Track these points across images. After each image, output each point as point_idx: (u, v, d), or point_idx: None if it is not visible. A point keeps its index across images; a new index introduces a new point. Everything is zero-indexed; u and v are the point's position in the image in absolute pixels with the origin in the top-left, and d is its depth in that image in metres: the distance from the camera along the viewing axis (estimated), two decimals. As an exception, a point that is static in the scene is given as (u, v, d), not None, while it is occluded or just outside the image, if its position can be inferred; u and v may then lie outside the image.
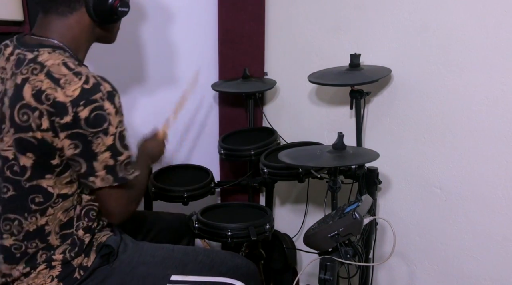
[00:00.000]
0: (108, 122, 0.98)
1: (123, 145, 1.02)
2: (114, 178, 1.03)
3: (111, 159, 1.01)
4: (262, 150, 1.68)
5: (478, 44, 1.22)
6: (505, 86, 1.18)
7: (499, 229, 1.25)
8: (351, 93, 1.45)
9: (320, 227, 1.13)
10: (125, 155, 1.03)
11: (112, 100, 0.99)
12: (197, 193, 1.63)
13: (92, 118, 0.96)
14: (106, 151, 1.00)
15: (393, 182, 1.53)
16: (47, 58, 0.99)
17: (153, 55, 1.88)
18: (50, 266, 1.07)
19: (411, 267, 1.52)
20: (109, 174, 1.02)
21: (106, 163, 1.00)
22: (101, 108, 0.97)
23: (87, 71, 1.00)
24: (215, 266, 1.20)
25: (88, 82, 0.97)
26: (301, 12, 1.80)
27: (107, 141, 0.99)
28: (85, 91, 0.96)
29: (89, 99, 0.96)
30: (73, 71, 0.98)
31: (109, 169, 1.01)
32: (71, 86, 0.96)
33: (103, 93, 0.97)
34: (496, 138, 1.22)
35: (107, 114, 0.97)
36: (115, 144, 1.00)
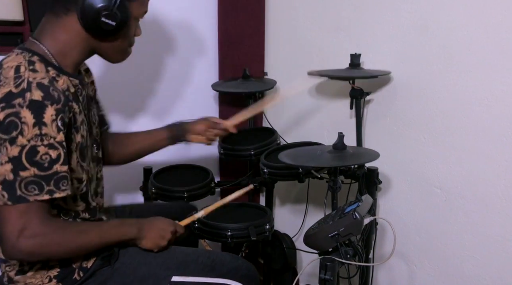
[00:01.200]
0: (18, 130, 0.89)
1: (32, 161, 0.91)
2: (10, 195, 0.90)
3: (11, 173, 0.90)
4: (262, 150, 1.68)
5: (478, 44, 1.22)
6: (505, 86, 1.18)
7: (499, 229, 1.25)
8: (351, 93, 1.45)
9: (320, 227, 1.13)
10: (29, 172, 0.91)
11: (36, 110, 0.90)
12: (197, 193, 1.63)
13: (5, 123, 0.89)
14: (7, 163, 0.90)
15: (393, 182, 1.53)
16: (8, 60, 0.98)
17: (153, 55, 1.88)
18: (48, 265, 1.06)
19: (411, 267, 1.52)
20: (5, 190, 0.90)
21: (4, 177, 0.90)
22: (16, 114, 0.89)
23: (33, 77, 0.94)
24: (215, 267, 1.20)
25: (19, 87, 0.91)
26: (301, 12, 1.80)
27: (11, 152, 0.90)
28: (9, 94, 0.91)
29: (9, 103, 0.90)
30: (18, 74, 0.94)
31: (6, 185, 0.90)
32: (4, 88, 0.92)
33: (24, 100, 0.90)
34: (496, 138, 1.21)
35: (21, 122, 0.89)
36: (20, 157, 0.90)
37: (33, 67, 0.97)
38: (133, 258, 1.16)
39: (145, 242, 1.15)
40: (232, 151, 1.74)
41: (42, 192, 0.93)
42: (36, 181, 0.92)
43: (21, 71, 0.95)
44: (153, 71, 1.90)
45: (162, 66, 1.92)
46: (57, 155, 0.94)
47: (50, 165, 0.93)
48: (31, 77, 0.94)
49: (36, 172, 0.92)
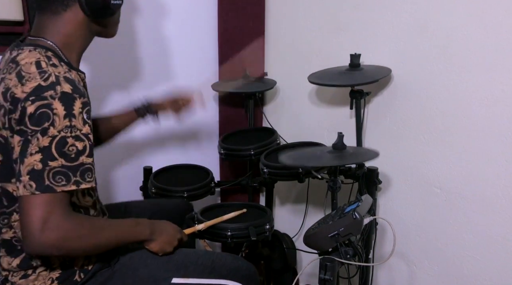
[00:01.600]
0: (50, 122, 0.90)
1: (61, 152, 0.91)
2: (38, 185, 0.90)
3: (40, 162, 0.90)
4: (262, 150, 1.68)
5: (478, 44, 1.22)
6: (505, 86, 1.18)
7: (499, 229, 1.25)
8: (351, 93, 1.45)
9: (320, 227, 1.13)
10: (58, 163, 0.91)
11: (67, 102, 0.92)
12: (197, 193, 1.63)
13: (36, 115, 0.90)
14: (38, 153, 0.90)
15: (393, 182, 1.53)
16: (23, 57, 0.98)
17: (153, 55, 1.88)
18: (50, 267, 1.06)
19: (411, 267, 1.52)
20: (32, 180, 0.90)
21: (33, 166, 0.90)
22: (48, 106, 0.91)
23: (57, 71, 0.96)
24: (215, 268, 1.20)
25: (47, 80, 0.93)
26: (301, 12, 1.80)
27: (42, 142, 0.90)
28: (39, 87, 0.92)
29: (39, 95, 0.91)
30: (41, 69, 0.95)
31: (34, 174, 0.90)
32: (31, 83, 0.93)
33: (56, 92, 0.92)
34: (496, 138, 1.21)
35: (52, 114, 0.91)
36: (50, 148, 0.90)
37: (53, 62, 0.98)
38: (133, 259, 1.16)
39: (153, 245, 1.15)
40: (232, 151, 1.74)
41: (69, 183, 0.93)
42: (63, 171, 0.92)
43: (43, 67, 0.96)
44: (153, 71, 1.90)
45: (162, 66, 1.92)
46: (83, 146, 0.95)
47: (77, 156, 0.94)
48: (56, 71, 0.96)
49: (64, 163, 0.92)
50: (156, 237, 1.15)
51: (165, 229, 1.18)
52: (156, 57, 1.89)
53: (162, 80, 1.93)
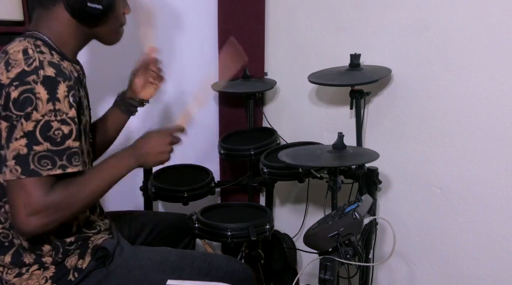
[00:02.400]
0: (33, 106, 0.91)
1: (45, 136, 0.92)
2: (23, 169, 0.90)
3: (25, 147, 0.91)
4: (262, 150, 1.68)
5: (478, 44, 1.22)
6: (505, 86, 1.18)
7: (499, 229, 1.25)
8: (351, 93, 1.45)
9: (320, 227, 1.13)
10: (43, 147, 0.92)
11: (50, 86, 0.92)
12: (197, 193, 1.63)
13: (19, 100, 0.91)
14: (22, 138, 0.91)
15: (393, 182, 1.53)
16: (13, 46, 0.99)
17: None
18: (43, 267, 1.06)
19: (411, 267, 1.52)
20: (18, 164, 0.91)
21: (18, 151, 0.91)
22: (31, 90, 0.91)
23: (42, 57, 0.95)
24: (211, 271, 1.19)
25: (31, 65, 0.93)
26: (301, 12, 1.80)
27: (26, 127, 0.91)
28: (23, 72, 0.92)
29: (23, 80, 0.91)
30: (27, 56, 0.95)
31: (19, 159, 0.91)
32: (15, 69, 0.93)
33: (38, 76, 0.92)
34: (496, 138, 1.21)
35: (35, 98, 0.91)
36: (34, 132, 0.91)
37: (40, 49, 0.99)
38: (128, 260, 1.15)
39: (147, 165, 1.14)
40: (232, 151, 1.74)
41: (55, 167, 0.93)
42: (49, 156, 0.93)
43: (30, 53, 0.96)
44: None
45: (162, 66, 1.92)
46: (69, 130, 0.95)
47: (63, 140, 0.94)
48: (41, 57, 0.96)
49: (49, 147, 0.92)
50: (144, 159, 1.11)
51: (148, 146, 1.12)
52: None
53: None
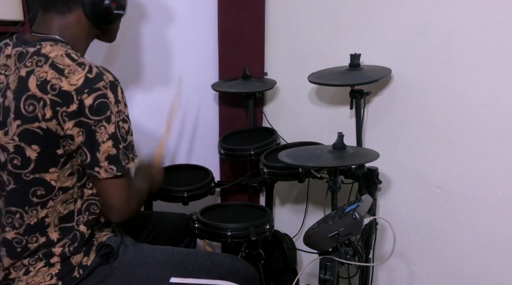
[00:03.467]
0: (110, 110, 0.99)
1: (122, 135, 1.03)
2: (117, 167, 1.02)
3: (113, 148, 1.01)
4: (262, 150, 1.68)
5: (478, 44, 1.22)
6: (505, 86, 1.18)
7: (499, 229, 1.25)
8: (351, 93, 1.45)
9: (320, 227, 1.13)
10: (123, 144, 1.03)
11: (114, 89, 1.00)
12: (197, 193, 1.63)
13: (95, 106, 0.98)
14: (109, 140, 1.00)
15: (393, 182, 1.53)
16: (50, 50, 1.01)
17: (153, 55, 1.88)
18: (49, 263, 1.06)
19: (411, 267, 1.52)
20: (112, 164, 1.01)
21: (109, 152, 1.00)
22: (104, 96, 0.98)
23: (90, 62, 1.02)
24: (214, 269, 1.20)
25: (92, 72, 0.99)
26: (301, 12, 1.80)
27: (110, 129, 1.00)
28: (89, 79, 0.98)
29: (92, 87, 0.97)
30: (76, 61, 1.00)
31: (111, 159, 1.01)
32: (75, 75, 0.98)
33: (105, 82, 0.99)
34: (496, 138, 1.21)
35: (109, 103, 0.99)
36: (116, 133, 1.01)
37: (77, 54, 1.04)
38: (132, 258, 1.16)
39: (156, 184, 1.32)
40: (232, 151, 1.74)
41: (131, 161, 1.06)
42: (125, 152, 1.04)
43: (76, 58, 1.01)
44: (153, 71, 1.90)
45: (162, 66, 1.92)
46: (128, 127, 1.05)
47: (127, 136, 1.05)
48: (89, 62, 1.02)
49: (124, 145, 1.03)
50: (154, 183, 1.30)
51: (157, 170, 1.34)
52: (155, 57, 1.89)
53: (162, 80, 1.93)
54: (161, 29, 1.87)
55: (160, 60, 1.91)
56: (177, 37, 1.92)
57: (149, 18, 1.83)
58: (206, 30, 1.98)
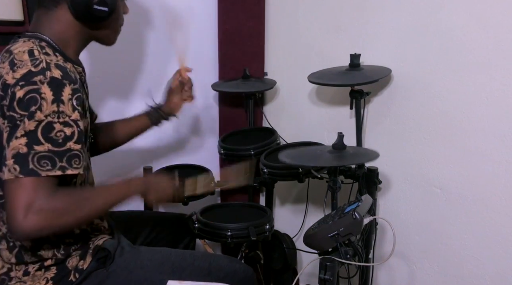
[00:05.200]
0: (37, 106, 0.91)
1: (47, 137, 0.92)
2: (22, 168, 0.89)
3: (25, 146, 0.90)
4: (262, 150, 1.68)
5: (478, 44, 1.22)
6: (505, 86, 1.18)
7: (499, 229, 1.25)
8: (351, 93, 1.45)
9: (320, 227, 1.13)
10: (44, 147, 0.91)
11: (56, 87, 0.93)
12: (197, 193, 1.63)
13: (24, 100, 0.91)
14: (23, 136, 0.90)
15: (393, 182, 1.53)
16: (17, 46, 1.00)
17: (153, 55, 1.88)
18: (44, 266, 1.06)
19: (411, 267, 1.51)
20: (17, 163, 0.90)
21: (18, 150, 0.90)
22: (37, 90, 0.91)
23: (49, 59, 0.96)
24: (212, 271, 1.19)
25: (38, 66, 0.93)
26: (301, 12, 1.80)
27: (28, 126, 0.90)
28: (29, 73, 0.92)
29: (29, 80, 0.92)
30: (33, 57, 0.96)
31: (18, 158, 0.90)
32: (22, 69, 0.93)
33: (45, 77, 0.92)
34: (496, 138, 1.21)
35: (40, 98, 0.91)
36: (36, 132, 0.91)
37: (45, 51, 0.99)
38: (129, 261, 1.15)
39: (149, 198, 1.17)
40: (232, 151, 1.74)
41: (54, 168, 0.93)
42: (49, 156, 0.92)
43: (36, 54, 0.97)
44: (153, 72, 1.90)
45: (162, 66, 1.92)
46: (71, 132, 0.95)
47: (64, 142, 0.94)
48: (47, 59, 0.97)
49: (50, 148, 0.92)
50: (151, 191, 1.16)
51: (159, 181, 1.19)
52: (156, 57, 1.89)
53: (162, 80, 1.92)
54: (160, 29, 1.87)
55: (160, 60, 1.91)
56: (177, 37, 1.91)
57: (149, 18, 1.83)
58: (206, 30, 1.98)
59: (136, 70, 1.86)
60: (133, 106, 1.86)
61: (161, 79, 1.92)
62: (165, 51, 1.90)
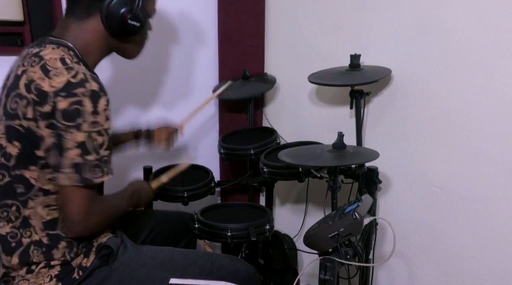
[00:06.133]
0: (82, 118, 0.97)
1: (94, 147, 1.00)
2: (80, 177, 0.99)
3: (79, 157, 0.98)
4: (262, 150, 1.68)
5: (478, 44, 1.22)
6: (505, 86, 1.17)
7: (499, 229, 1.25)
8: (351, 93, 1.45)
9: (320, 228, 1.13)
10: (94, 156, 1.00)
11: (95, 99, 0.98)
12: (197, 193, 1.63)
13: (68, 111, 0.96)
14: (76, 148, 0.98)
15: (393, 182, 1.53)
16: (48, 53, 1.02)
17: (153, 56, 1.88)
18: (49, 265, 1.06)
19: (411, 267, 1.52)
20: (75, 173, 0.99)
21: (73, 160, 0.98)
22: (79, 103, 0.96)
23: (82, 69, 1.00)
24: (214, 270, 1.20)
25: (76, 77, 0.98)
26: (301, 12, 1.80)
27: (78, 137, 0.97)
28: (70, 84, 0.97)
29: (71, 92, 0.96)
30: (66, 65, 0.99)
31: (75, 168, 0.98)
32: (59, 77, 0.97)
33: (86, 89, 0.97)
34: (496, 138, 1.21)
35: (83, 111, 0.96)
36: (85, 143, 0.98)
37: (76, 60, 1.03)
38: (131, 259, 1.16)
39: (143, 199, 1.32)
40: (232, 151, 1.74)
41: (103, 174, 1.02)
42: (98, 164, 1.01)
43: (68, 63, 1.00)
44: (153, 72, 1.90)
45: (162, 66, 1.92)
46: (103, 140, 1.02)
47: (101, 149, 1.02)
48: (81, 69, 1.00)
49: (96, 157, 1.00)
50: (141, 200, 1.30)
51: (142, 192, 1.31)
52: (156, 57, 1.89)
53: (162, 81, 1.93)
54: (160, 30, 1.87)
55: (161, 61, 1.91)
56: (177, 37, 1.92)
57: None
58: (206, 30, 1.98)
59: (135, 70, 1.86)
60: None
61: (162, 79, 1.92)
62: (165, 51, 1.91)
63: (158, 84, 1.91)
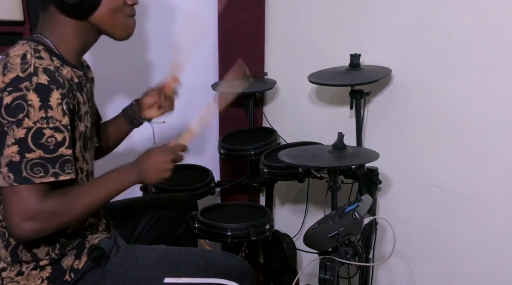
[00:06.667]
0: (25, 113, 0.91)
1: (37, 144, 0.92)
2: (16, 177, 0.91)
3: (17, 154, 0.91)
4: (262, 150, 1.68)
5: (478, 44, 1.22)
6: (505, 86, 1.18)
7: (499, 229, 1.25)
8: (351, 93, 1.45)
9: (320, 227, 1.13)
10: (35, 154, 0.92)
11: (42, 93, 0.92)
12: (197, 193, 1.63)
13: (12, 106, 0.91)
14: (14, 145, 0.91)
15: (393, 182, 1.53)
16: (14, 50, 0.99)
17: (153, 55, 1.88)
18: (39, 266, 1.06)
19: (411, 267, 1.52)
20: (11, 171, 0.91)
21: (10, 158, 0.91)
22: (23, 97, 0.91)
23: (39, 63, 0.95)
24: (209, 267, 1.18)
25: (25, 71, 0.93)
26: (301, 12, 1.80)
27: (18, 134, 0.91)
28: (17, 78, 0.92)
29: (16, 86, 0.92)
30: (24, 61, 0.95)
31: (12, 166, 0.91)
32: (11, 73, 0.93)
33: (31, 83, 0.92)
34: (496, 138, 1.21)
35: (27, 105, 0.91)
36: (26, 139, 0.91)
37: (39, 54, 0.98)
38: (124, 259, 1.14)
39: (148, 181, 1.13)
40: (232, 151, 1.74)
41: (47, 174, 0.94)
42: (41, 163, 0.93)
43: (28, 58, 0.96)
44: (153, 71, 1.90)
45: (162, 66, 1.92)
46: (62, 138, 0.95)
47: (56, 147, 0.94)
48: (38, 63, 0.96)
49: (42, 155, 0.93)
50: (146, 175, 1.12)
51: (150, 163, 1.13)
52: (156, 57, 1.89)
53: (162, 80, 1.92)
54: (161, 29, 1.87)
55: (160, 60, 1.91)
56: (177, 37, 1.91)
57: (149, 18, 1.83)
58: (206, 30, 1.98)
59: (135, 70, 1.86)
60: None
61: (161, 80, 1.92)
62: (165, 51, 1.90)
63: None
